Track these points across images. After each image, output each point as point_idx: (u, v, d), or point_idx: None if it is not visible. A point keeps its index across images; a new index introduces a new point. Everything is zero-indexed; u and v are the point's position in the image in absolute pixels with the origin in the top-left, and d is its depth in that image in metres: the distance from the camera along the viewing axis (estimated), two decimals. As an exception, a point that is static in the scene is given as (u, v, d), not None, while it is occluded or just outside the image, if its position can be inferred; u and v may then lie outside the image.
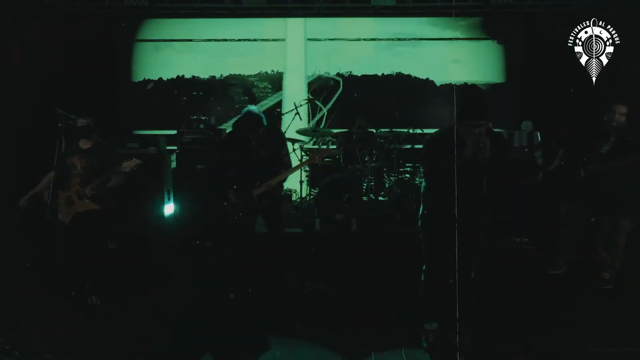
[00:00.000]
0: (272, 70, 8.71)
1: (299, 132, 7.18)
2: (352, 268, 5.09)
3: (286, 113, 6.93)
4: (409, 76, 8.61)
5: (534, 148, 6.47)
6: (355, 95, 8.63)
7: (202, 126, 6.85)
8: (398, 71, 8.62)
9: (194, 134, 6.86)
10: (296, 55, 8.64)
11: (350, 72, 8.66)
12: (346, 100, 8.61)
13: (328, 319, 4.09)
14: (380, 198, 7.38)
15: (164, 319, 4.10)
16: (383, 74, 8.63)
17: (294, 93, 8.45)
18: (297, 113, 6.84)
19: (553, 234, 5.08)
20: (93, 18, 7.83)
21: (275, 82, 8.69)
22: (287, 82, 8.67)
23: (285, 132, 6.82)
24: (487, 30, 8.50)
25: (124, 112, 8.30)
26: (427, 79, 8.57)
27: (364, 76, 8.63)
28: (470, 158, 3.28)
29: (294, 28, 8.60)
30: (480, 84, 8.40)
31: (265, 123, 4.56)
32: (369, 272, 4.99)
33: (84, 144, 4.53)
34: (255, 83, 8.69)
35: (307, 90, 8.60)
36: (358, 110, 8.27)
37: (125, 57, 8.48)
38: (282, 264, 4.70)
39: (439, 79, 8.54)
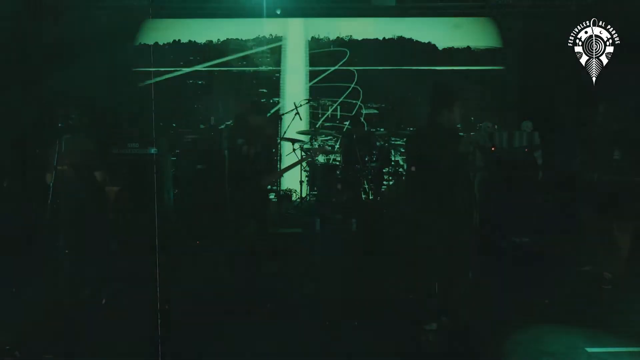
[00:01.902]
0: (271, 35, 8.55)
1: (300, 132, 7.18)
2: (352, 268, 5.09)
3: (286, 113, 6.94)
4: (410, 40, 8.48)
5: (534, 148, 6.47)
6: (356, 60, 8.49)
7: (202, 126, 6.87)
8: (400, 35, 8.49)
9: (194, 134, 6.88)
10: (296, 55, 8.64)
11: (351, 36, 8.52)
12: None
13: (328, 318, 4.09)
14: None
15: (164, 319, 4.09)
16: (384, 38, 8.50)
17: (294, 93, 8.46)
18: (297, 113, 6.85)
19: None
20: (93, 17, 7.83)
21: (275, 48, 8.49)
22: (287, 82, 8.67)
23: (285, 132, 6.85)
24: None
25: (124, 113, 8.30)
26: (429, 42, 8.44)
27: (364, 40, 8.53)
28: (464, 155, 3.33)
29: (294, 28, 8.61)
30: (480, 48, 8.38)
31: None
32: (369, 272, 4.99)
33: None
34: (253, 47, 8.54)
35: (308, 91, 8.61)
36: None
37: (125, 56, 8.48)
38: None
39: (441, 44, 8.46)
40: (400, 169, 7.19)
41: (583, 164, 4.78)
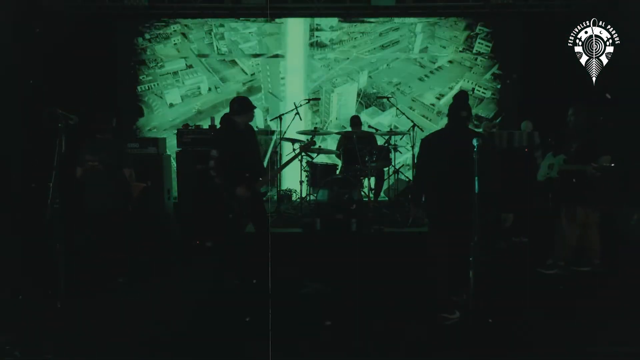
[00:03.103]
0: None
1: (300, 132, 7.18)
2: (351, 268, 5.09)
3: (286, 113, 6.94)
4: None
5: (534, 148, 6.47)
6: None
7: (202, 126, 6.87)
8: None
9: (194, 134, 6.88)
10: (297, 56, 8.64)
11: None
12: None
13: (327, 318, 4.08)
14: (380, 198, 7.40)
15: (164, 319, 4.09)
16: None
17: (294, 93, 8.46)
18: (297, 113, 6.85)
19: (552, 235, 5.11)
20: (93, 18, 7.85)
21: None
22: (287, 82, 8.68)
23: (285, 132, 6.85)
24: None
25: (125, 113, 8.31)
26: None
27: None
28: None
29: (294, 28, 8.61)
30: None
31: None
32: (369, 271, 4.99)
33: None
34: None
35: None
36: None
37: (126, 57, 8.49)
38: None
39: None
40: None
41: None
